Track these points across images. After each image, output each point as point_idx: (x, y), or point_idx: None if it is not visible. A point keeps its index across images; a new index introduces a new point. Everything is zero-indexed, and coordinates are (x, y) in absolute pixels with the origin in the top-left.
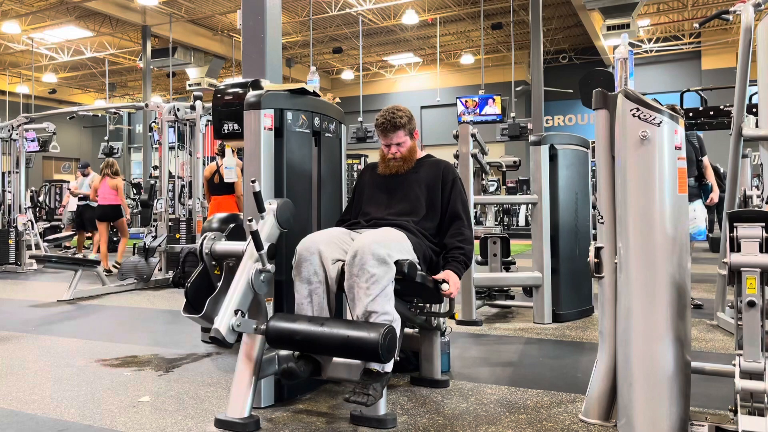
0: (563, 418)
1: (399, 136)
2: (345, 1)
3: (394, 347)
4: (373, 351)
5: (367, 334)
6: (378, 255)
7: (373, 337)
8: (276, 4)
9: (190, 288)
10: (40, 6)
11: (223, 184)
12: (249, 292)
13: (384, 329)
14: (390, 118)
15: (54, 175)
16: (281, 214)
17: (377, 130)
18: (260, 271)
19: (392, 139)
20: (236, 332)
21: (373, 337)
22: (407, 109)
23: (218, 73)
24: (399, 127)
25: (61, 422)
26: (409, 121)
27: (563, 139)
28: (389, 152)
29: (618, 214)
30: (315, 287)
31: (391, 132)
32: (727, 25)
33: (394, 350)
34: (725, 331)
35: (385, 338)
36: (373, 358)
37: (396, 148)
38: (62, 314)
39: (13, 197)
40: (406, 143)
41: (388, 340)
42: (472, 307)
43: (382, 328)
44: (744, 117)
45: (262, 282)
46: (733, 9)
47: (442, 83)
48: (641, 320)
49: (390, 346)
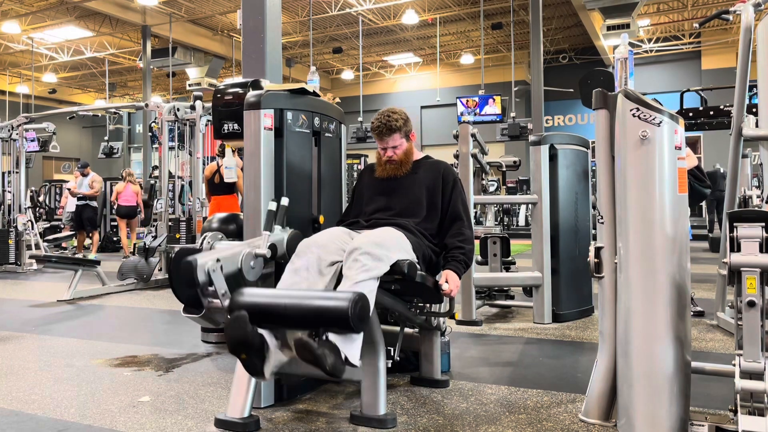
0: (563, 418)
1: (395, 139)
2: (345, 1)
3: (366, 317)
4: (343, 317)
5: (337, 301)
6: (374, 254)
7: (342, 303)
8: (276, 4)
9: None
10: (40, 6)
11: (223, 183)
12: (234, 262)
13: (355, 295)
14: (385, 121)
15: (54, 175)
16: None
17: (373, 134)
18: (255, 255)
19: (388, 142)
20: (207, 275)
21: (343, 303)
22: (403, 111)
23: (218, 73)
24: (395, 130)
25: (61, 422)
26: (404, 124)
27: (563, 139)
28: (386, 155)
29: (618, 214)
30: (301, 279)
31: (386, 135)
32: (727, 25)
33: (366, 320)
34: (725, 331)
35: (356, 304)
36: (343, 325)
37: (392, 151)
38: (62, 314)
39: (13, 197)
40: (403, 146)
41: (360, 307)
42: (472, 307)
43: (352, 294)
44: (744, 117)
45: (251, 267)
46: (733, 9)
47: (442, 83)
48: (641, 320)
49: (362, 314)
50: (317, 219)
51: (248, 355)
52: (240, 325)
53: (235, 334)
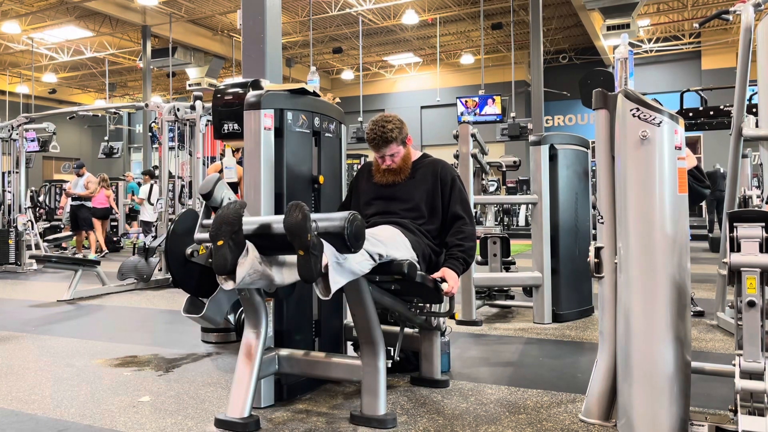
0: (563, 418)
1: (391, 149)
2: (345, 1)
3: (361, 235)
4: (339, 235)
5: (331, 222)
6: (369, 251)
7: (338, 222)
8: (276, 4)
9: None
10: (40, 6)
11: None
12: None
13: (349, 214)
14: (380, 133)
15: (54, 175)
16: None
17: (369, 145)
18: None
19: (385, 152)
20: (212, 185)
21: (338, 222)
22: (396, 117)
23: (218, 73)
24: (390, 140)
25: (61, 422)
26: (400, 132)
27: (563, 139)
28: (384, 163)
29: (618, 214)
30: None
31: (383, 147)
32: (727, 25)
33: (362, 239)
34: (725, 331)
35: (351, 223)
36: (340, 244)
37: (390, 159)
38: (62, 314)
39: (13, 197)
40: (400, 153)
41: (355, 226)
42: (472, 307)
43: (347, 213)
44: (744, 117)
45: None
46: (733, 9)
47: (442, 83)
48: (641, 320)
49: (357, 233)
50: (317, 179)
51: (225, 242)
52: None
53: (224, 212)
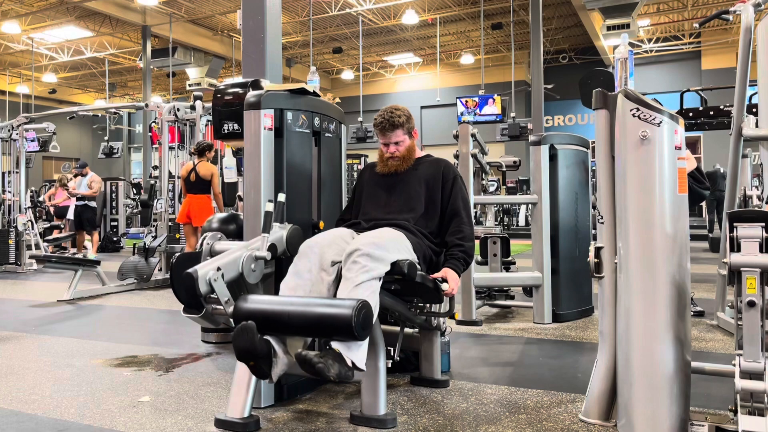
0: (563, 418)
1: (397, 135)
2: (345, 1)
3: (369, 324)
4: (346, 325)
5: (339, 309)
6: (373, 255)
7: (346, 311)
8: (276, 4)
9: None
10: (40, 6)
11: (198, 182)
12: (235, 267)
13: (358, 303)
14: (388, 117)
15: (54, 175)
16: (291, 236)
17: (375, 130)
18: (256, 257)
19: (391, 138)
20: (208, 285)
21: (346, 311)
22: (406, 108)
23: (218, 73)
24: (397, 126)
25: (61, 422)
26: (407, 120)
27: (563, 139)
28: (388, 151)
29: (618, 214)
30: (303, 282)
31: (389, 131)
32: (727, 25)
33: (369, 327)
34: (725, 331)
35: (359, 312)
36: (346, 333)
37: (395, 147)
38: (62, 314)
39: (13, 197)
40: (405, 142)
41: (363, 315)
42: (472, 307)
43: (355, 302)
44: (744, 117)
45: (252, 269)
46: (733, 9)
47: (442, 83)
48: (641, 320)
49: (365, 322)
50: (317, 224)
51: (256, 362)
52: (248, 336)
53: (242, 344)
